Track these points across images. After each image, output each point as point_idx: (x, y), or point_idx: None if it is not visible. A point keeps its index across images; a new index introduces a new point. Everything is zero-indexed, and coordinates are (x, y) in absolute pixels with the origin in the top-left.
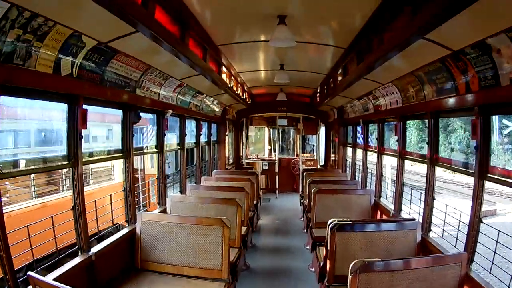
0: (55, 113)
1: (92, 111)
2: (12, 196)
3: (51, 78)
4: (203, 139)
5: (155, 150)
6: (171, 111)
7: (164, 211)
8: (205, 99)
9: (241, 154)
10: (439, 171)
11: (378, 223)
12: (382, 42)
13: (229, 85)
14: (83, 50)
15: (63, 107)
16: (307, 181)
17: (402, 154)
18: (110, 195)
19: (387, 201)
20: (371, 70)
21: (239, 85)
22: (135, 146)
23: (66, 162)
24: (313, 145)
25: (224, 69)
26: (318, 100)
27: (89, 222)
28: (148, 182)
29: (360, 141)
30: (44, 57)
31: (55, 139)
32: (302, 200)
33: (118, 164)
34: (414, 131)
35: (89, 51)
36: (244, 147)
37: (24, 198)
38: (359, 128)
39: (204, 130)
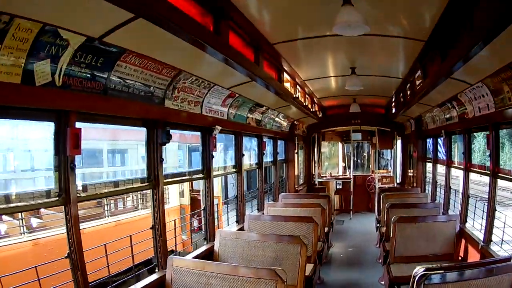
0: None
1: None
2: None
3: (18, 90)
4: (267, 158)
5: (200, 175)
6: (219, 128)
7: (209, 249)
8: (268, 113)
9: (313, 173)
10: None
11: (473, 268)
12: (471, 29)
13: (294, 95)
14: (67, 50)
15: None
16: (385, 205)
17: (495, 172)
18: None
19: (473, 226)
20: (458, 67)
21: (307, 96)
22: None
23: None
24: (388, 159)
25: (286, 76)
26: (394, 110)
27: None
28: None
29: (441, 155)
30: (4, 63)
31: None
32: (378, 225)
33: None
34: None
35: (77, 51)
36: (316, 165)
37: (96, 217)
38: (440, 141)
39: (269, 148)
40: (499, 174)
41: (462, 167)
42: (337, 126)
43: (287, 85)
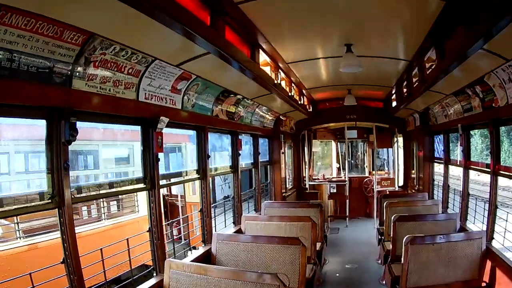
0: None
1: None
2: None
3: None
4: (246, 159)
5: (142, 185)
6: (166, 119)
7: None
8: (244, 104)
9: (303, 176)
10: None
11: None
12: None
13: (276, 81)
14: None
15: None
16: (390, 216)
17: None
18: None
19: (503, 246)
20: (495, 32)
21: (293, 86)
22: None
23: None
24: (384, 159)
25: (263, 55)
26: (395, 103)
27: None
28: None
29: (457, 155)
30: None
31: None
32: (381, 238)
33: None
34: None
35: None
36: (307, 166)
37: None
38: (452, 138)
39: (248, 148)
40: None
41: (488, 170)
42: (330, 122)
43: (266, 69)
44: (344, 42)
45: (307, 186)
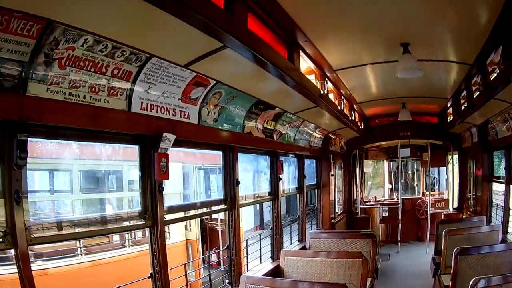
0: None
1: None
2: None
3: None
4: (288, 184)
5: (222, 207)
6: (173, 137)
7: None
8: (285, 120)
9: (354, 198)
10: None
11: None
12: None
13: (322, 91)
14: None
15: None
16: (450, 247)
17: None
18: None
19: None
20: None
21: (343, 99)
22: None
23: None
24: (435, 178)
25: (304, 57)
26: (451, 118)
27: None
28: None
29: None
30: None
31: None
32: (436, 269)
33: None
34: None
35: None
36: (358, 188)
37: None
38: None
39: (293, 169)
40: None
41: None
42: (383, 140)
43: (311, 77)
44: (400, 42)
45: (358, 210)
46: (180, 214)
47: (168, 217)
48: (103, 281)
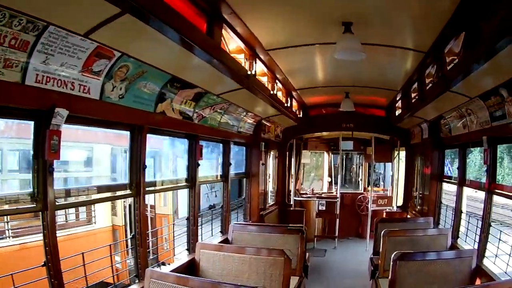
0: None
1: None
2: None
3: None
4: (209, 171)
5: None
6: (65, 112)
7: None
8: (205, 101)
9: (289, 190)
10: None
11: None
12: None
13: (250, 72)
14: None
15: None
16: (390, 249)
17: None
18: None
19: None
20: None
21: (278, 83)
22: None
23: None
24: (380, 173)
25: (231, 34)
26: (399, 112)
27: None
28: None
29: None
30: None
31: None
32: (374, 271)
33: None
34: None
35: None
36: (293, 179)
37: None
38: (471, 154)
39: (214, 156)
40: None
41: None
42: (323, 130)
43: (240, 57)
44: (342, 20)
45: (292, 202)
46: (83, 198)
47: (61, 201)
48: None
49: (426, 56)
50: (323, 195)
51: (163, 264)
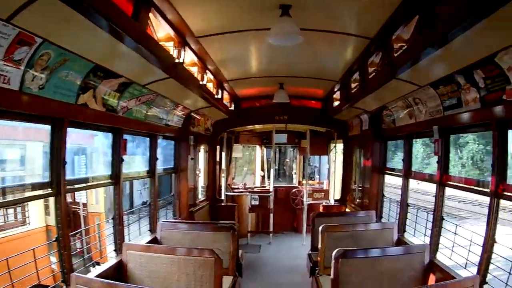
0: None
1: None
2: None
3: None
4: (137, 167)
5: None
6: None
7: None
8: (131, 92)
9: (220, 185)
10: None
11: None
12: None
13: (177, 60)
14: None
15: None
16: (330, 245)
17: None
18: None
19: None
20: None
21: (208, 73)
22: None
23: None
24: (316, 167)
25: (160, 20)
26: (337, 103)
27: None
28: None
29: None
30: None
31: None
32: (314, 268)
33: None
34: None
35: None
36: (225, 174)
37: None
38: (418, 145)
39: (142, 151)
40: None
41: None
42: (255, 123)
43: (169, 45)
44: (279, 3)
45: (223, 197)
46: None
47: None
48: None
49: (371, 43)
50: (255, 190)
51: (98, 264)
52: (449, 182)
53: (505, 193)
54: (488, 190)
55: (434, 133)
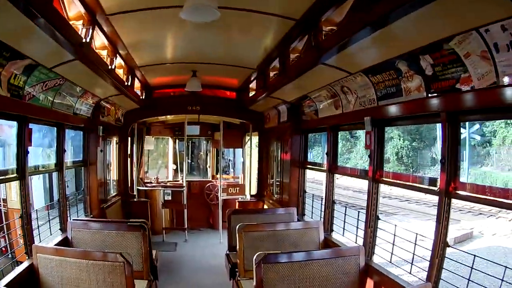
0: None
1: None
2: None
3: None
4: (38, 160)
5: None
6: None
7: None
8: (38, 76)
9: (132, 179)
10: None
11: None
12: None
13: (84, 40)
14: None
15: None
16: (247, 248)
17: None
18: None
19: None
20: None
21: (118, 58)
22: None
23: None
24: (230, 160)
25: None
26: (254, 92)
27: None
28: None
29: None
30: None
31: None
32: (233, 270)
33: None
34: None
35: None
36: (136, 168)
37: None
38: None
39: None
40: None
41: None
42: (167, 114)
43: (78, 23)
44: None
45: (135, 192)
46: None
47: None
48: None
49: (296, 26)
50: (168, 184)
51: (21, 262)
52: (384, 179)
53: (458, 192)
54: (435, 188)
55: (365, 125)
